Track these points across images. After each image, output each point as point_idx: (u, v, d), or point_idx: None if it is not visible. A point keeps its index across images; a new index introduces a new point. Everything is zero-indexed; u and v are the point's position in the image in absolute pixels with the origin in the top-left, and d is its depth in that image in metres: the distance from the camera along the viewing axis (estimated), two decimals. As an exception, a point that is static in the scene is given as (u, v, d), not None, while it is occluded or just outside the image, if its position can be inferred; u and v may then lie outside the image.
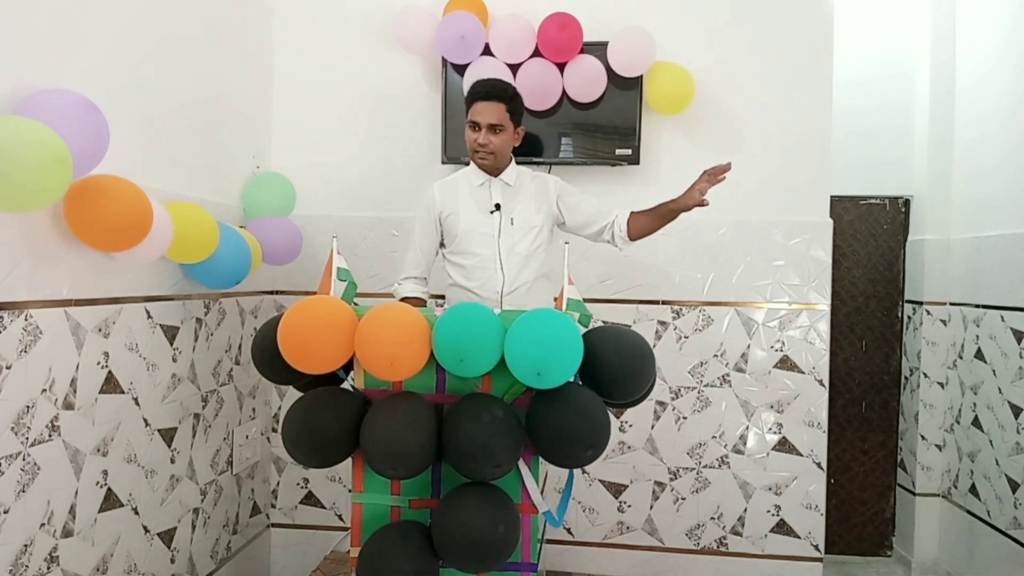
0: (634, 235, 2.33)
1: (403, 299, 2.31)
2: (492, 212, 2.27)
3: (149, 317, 2.10)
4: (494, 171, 2.31)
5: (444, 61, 2.74)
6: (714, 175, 2.20)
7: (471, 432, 1.55)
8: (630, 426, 2.81)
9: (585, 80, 2.63)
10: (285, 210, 2.73)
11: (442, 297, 2.45)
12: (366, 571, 1.59)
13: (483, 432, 1.54)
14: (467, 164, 2.76)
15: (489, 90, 2.22)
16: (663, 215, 2.29)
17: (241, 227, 2.60)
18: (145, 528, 2.12)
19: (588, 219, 2.36)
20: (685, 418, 2.80)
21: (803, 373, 2.76)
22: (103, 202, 1.68)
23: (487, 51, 2.67)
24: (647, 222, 2.31)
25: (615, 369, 1.67)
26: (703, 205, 2.21)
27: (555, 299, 2.17)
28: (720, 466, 2.79)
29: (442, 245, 2.37)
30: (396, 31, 2.74)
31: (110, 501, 1.95)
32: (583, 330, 1.67)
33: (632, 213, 2.33)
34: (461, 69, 2.69)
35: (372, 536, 1.65)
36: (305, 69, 2.93)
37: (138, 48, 2.05)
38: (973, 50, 3.23)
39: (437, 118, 2.81)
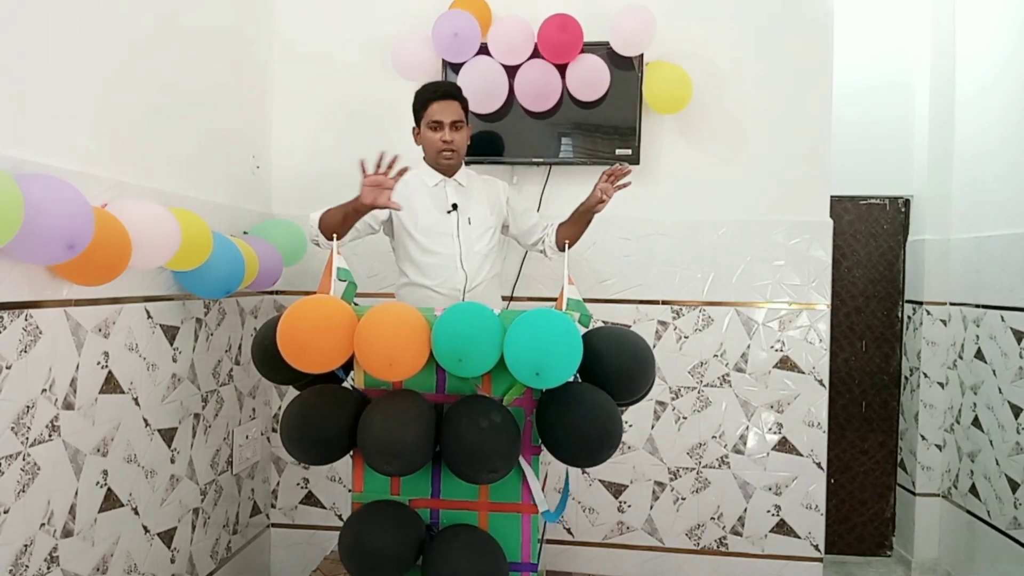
0: (561, 244, 2.38)
1: (323, 215, 2.19)
2: (449, 212, 2.30)
3: (149, 317, 2.10)
4: (449, 171, 2.34)
5: (444, 68, 2.75)
6: (612, 176, 2.23)
7: (469, 439, 1.55)
8: (630, 426, 2.81)
9: (588, 78, 2.63)
10: (294, 258, 2.73)
11: (391, 295, 2.46)
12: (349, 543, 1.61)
13: (481, 439, 1.55)
14: (469, 165, 2.77)
15: (446, 89, 2.29)
16: (578, 220, 2.33)
17: (245, 232, 2.60)
18: (145, 528, 2.12)
19: (529, 228, 2.45)
20: (685, 418, 2.80)
21: (803, 373, 2.75)
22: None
23: (485, 51, 2.67)
24: (568, 229, 2.37)
25: (615, 369, 1.67)
26: (602, 202, 2.23)
27: (555, 300, 2.17)
28: (720, 466, 2.79)
29: (391, 241, 2.40)
30: (392, 61, 2.75)
31: (110, 501, 1.95)
32: (583, 330, 1.67)
33: (560, 225, 2.40)
34: (457, 68, 2.69)
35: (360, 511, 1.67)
36: (306, 71, 2.93)
37: (143, 56, 2.06)
38: (974, 51, 3.23)
39: (437, 118, 2.81)
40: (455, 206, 2.30)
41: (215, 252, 2.13)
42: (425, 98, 2.28)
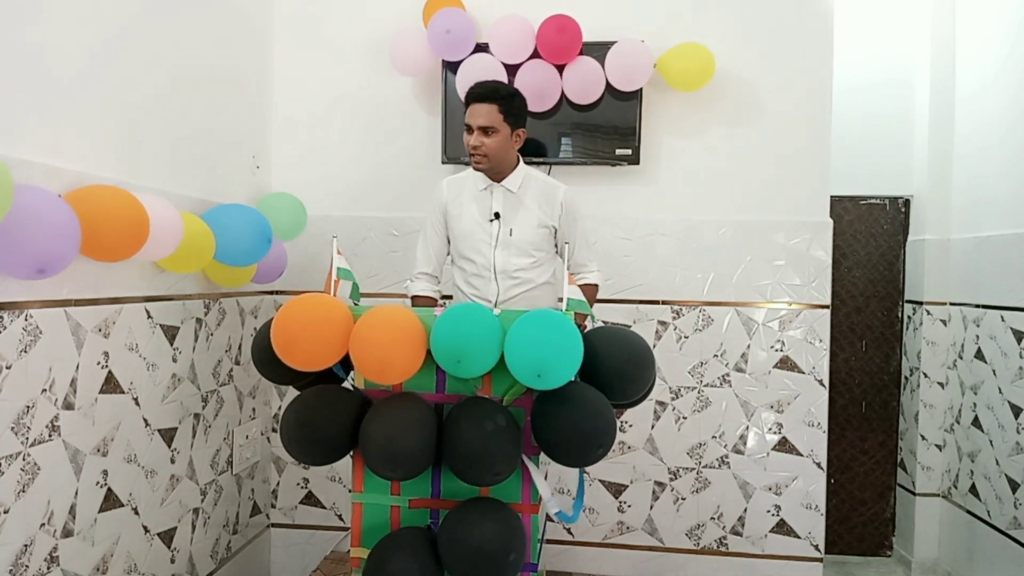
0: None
1: (414, 297, 2.31)
2: (491, 220, 2.24)
3: (149, 317, 2.10)
4: (496, 176, 2.24)
5: (443, 68, 2.75)
6: None
7: (471, 441, 1.55)
8: (630, 426, 2.81)
9: (584, 82, 2.63)
10: (296, 230, 2.73)
11: (451, 297, 2.44)
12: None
13: (484, 441, 1.54)
14: (467, 164, 2.77)
15: (481, 91, 2.15)
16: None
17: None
18: (145, 528, 2.12)
19: (563, 246, 2.27)
20: (685, 418, 2.80)
21: (803, 373, 2.75)
22: (98, 216, 1.67)
23: (485, 50, 2.68)
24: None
25: (615, 371, 1.66)
26: None
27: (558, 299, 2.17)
28: (720, 466, 2.79)
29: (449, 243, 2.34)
30: (391, 58, 2.74)
31: (110, 501, 1.95)
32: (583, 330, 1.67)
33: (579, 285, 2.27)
34: (456, 68, 2.69)
35: (378, 544, 1.65)
36: (305, 70, 2.93)
37: (148, 64, 2.06)
38: (974, 51, 3.23)
39: (437, 117, 2.81)
40: (497, 215, 2.22)
41: (235, 222, 2.23)
42: (465, 100, 2.19)
